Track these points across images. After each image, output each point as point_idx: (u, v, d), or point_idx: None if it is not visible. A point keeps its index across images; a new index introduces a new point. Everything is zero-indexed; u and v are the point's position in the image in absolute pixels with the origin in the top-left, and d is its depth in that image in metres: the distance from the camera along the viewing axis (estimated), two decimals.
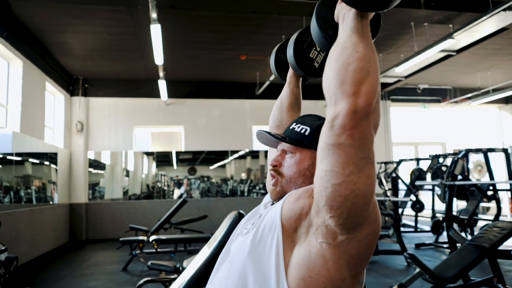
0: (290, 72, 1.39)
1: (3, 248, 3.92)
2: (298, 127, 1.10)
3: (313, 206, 0.85)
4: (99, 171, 11.51)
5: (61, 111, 8.30)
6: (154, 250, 5.64)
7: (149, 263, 3.65)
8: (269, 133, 1.10)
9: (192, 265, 1.38)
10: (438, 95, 10.40)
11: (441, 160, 7.35)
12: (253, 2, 5.33)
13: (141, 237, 5.62)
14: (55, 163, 7.85)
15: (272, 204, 1.10)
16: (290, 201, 0.94)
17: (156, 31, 5.15)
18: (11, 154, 6.53)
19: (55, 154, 7.81)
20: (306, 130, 1.08)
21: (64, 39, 6.71)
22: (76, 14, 5.76)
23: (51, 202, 7.69)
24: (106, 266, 5.79)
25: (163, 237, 5.59)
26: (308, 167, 1.05)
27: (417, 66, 7.77)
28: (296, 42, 1.28)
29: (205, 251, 1.39)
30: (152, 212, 8.77)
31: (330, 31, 0.94)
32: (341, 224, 0.78)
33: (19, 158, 7.48)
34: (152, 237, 5.52)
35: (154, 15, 4.83)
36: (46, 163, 7.93)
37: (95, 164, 9.93)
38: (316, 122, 1.09)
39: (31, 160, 7.63)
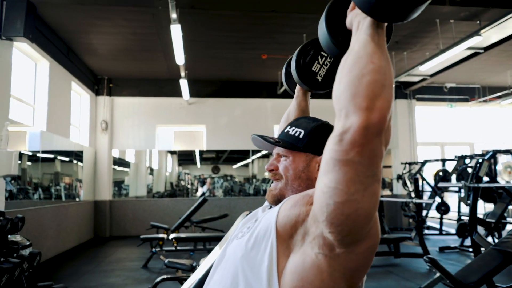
0: (297, 86, 1.38)
1: (27, 243, 4.04)
2: (293, 130, 1.08)
3: (311, 215, 0.83)
4: (124, 169, 11.75)
5: (87, 110, 8.51)
6: (173, 248, 5.69)
7: (166, 261, 3.69)
8: (262, 137, 1.09)
9: (203, 265, 1.38)
10: (466, 94, 10.08)
11: (467, 161, 7.11)
12: (273, 1, 5.31)
13: (161, 235, 5.69)
14: (81, 161, 8.05)
15: (270, 208, 1.08)
16: (287, 208, 0.91)
17: (176, 31, 5.20)
18: (39, 152, 6.74)
19: (81, 152, 8.02)
20: (300, 133, 1.06)
21: (89, 39, 6.86)
22: (99, 15, 5.88)
23: (77, 199, 7.91)
24: (127, 263, 5.90)
25: (183, 235, 5.64)
26: (303, 169, 1.04)
27: (443, 64, 7.56)
28: (299, 56, 1.26)
29: (216, 251, 1.39)
30: (174, 210, 8.87)
31: (340, 36, 0.89)
32: (340, 239, 0.76)
33: (50, 156, 7.72)
34: (172, 235, 5.58)
35: (174, 15, 4.87)
36: (73, 161, 8.16)
37: (120, 162, 10.15)
38: (311, 124, 1.08)
39: (58, 158, 7.86)
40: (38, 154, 7.63)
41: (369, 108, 0.68)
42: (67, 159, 8.25)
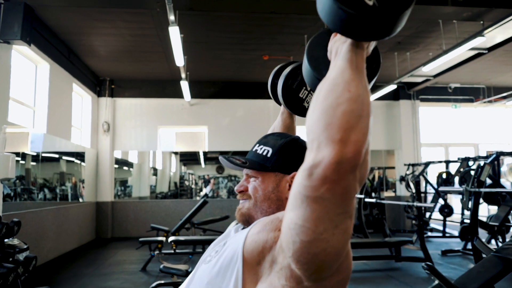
0: None
1: (24, 247, 4.03)
2: (261, 148, 1.03)
3: (278, 244, 0.80)
4: (127, 170, 11.77)
5: (88, 111, 8.51)
6: (172, 251, 5.67)
7: (161, 266, 3.66)
8: (228, 159, 1.05)
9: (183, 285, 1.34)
10: (470, 94, 9.95)
11: (471, 163, 7.02)
12: (272, 2, 5.26)
13: (160, 238, 5.67)
14: (83, 163, 8.06)
15: (242, 229, 1.03)
16: (254, 232, 0.87)
17: (174, 33, 5.16)
18: (40, 154, 6.75)
19: (83, 153, 8.03)
20: (268, 151, 1.01)
21: (90, 41, 6.85)
22: (99, 17, 5.87)
23: (81, 200, 7.92)
24: (126, 266, 5.88)
25: (182, 238, 5.61)
26: (273, 190, 0.99)
27: (446, 65, 7.46)
28: (287, 78, 1.21)
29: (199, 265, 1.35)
30: (176, 211, 8.86)
31: (324, 71, 0.84)
32: (308, 276, 0.73)
33: (52, 157, 7.73)
34: (171, 238, 5.55)
35: (171, 17, 4.83)
36: (75, 162, 8.16)
37: (123, 162, 10.15)
38: (279, 142, 1.03)
39: (60, 159, 7.87)
40: (40, 156, 7.65)
41: (343, 140, 0.63)
42: (69, 160, 8.26)
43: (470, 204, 4.54)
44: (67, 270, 5.64)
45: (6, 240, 3.87)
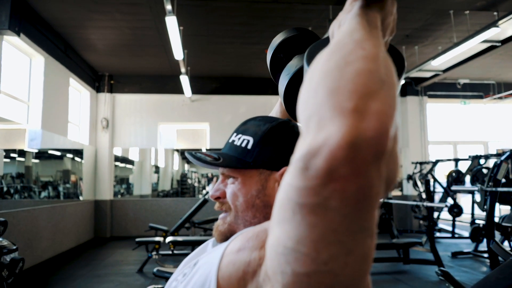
0: None
1: (13, 248, 3.82)
2: (239, 138, 0.79)
3: (264, 268, 0.57)
4: (128, 168, 11.57)
5: (87, 107, 8.30)
6: (170, 252, 5.45)
7: (155, 269, 3.44)
8: (195, 155, 0.79)
9: None
10: (480, 90, 9.66)
11: (482, 161, 6.74)
12: None
13: (157, 238, 5.45)
14: (81, 160, 7.86)
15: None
16: (233, 250, 0.64)
17: (172, 23, 4.92)
18: (37, 151, 6.55)
19: (81, 150, 7.83)
20: (248, 142, 0.77)
21: (87, 34, 6.63)
22: (95, 8, 5.64)
23: (81, 198, 7.72)
24: (122, 267, 5.67)
25: (180, 238, 5.39)
26: (258, 193, 0.75)
27: (456, 59, 7.18)
28: (297, 74, 0.95)
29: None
30: (177, 210, 8.65)
31: None
32: None
33: (50, 154, 7.54)
34: (169, 239, 5.33)
35: (169, 6, 4.60)
36: (74, 159, 7.97)
37: (123, 160, 9.94)
38: (262, 128, 0.78)
39: (57, 156, 7.67)
40: (37, 153, 7.45)
41: (359, 110, 0.39)
42: (67, 157, 8.07)
43: (486, 205, 4.27)
44: (61, 271, 5.44)
45: None
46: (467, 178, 7.02)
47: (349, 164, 0.38)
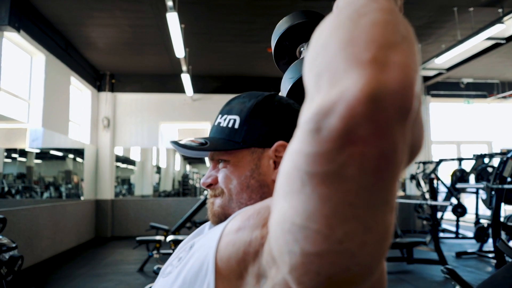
0: None
1: (12, 245, 3.77)
2: (225, 119, 0.74)
3: (267, 249, 0.51)
4: (129, 168, 11.53)
5: (88, 106, 8.27)
6: (171, 251, 5.39)
7: (155, 267, 3.39)
8: (179, 143, 0.74)
9: None
10: (483, 89, 9.58)
11: (486, 160, 6.66)
12: None
13: (158, 237, 5.40)
14: (82, 159, 7.82)
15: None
16: (232, 229, 0.59)
17: (173, 20, 4.87)
18: (39, 150, 6.52)
19: (82, 150, 7.79)
20: (235, 121, 0.72)
21: (88, 32, 6.60)
22: (96, 6, 5.60)
23: (82, 198, 7.68)
24: (123, 266, 5.62)
25: (180, 237, 5.33)
26: (252, 174, 0.70)
27: (460, 57, 7.12)
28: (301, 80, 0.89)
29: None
30: (178, 210, 8.60)
31: None
32: None
33: (51, 154, 7.51)
34: (169, 238, 5.27)
35: (170, 2, 4.55)
36: (75, 158, 7.93)
37: (125, 160, 9.90)
38: (247, 105, 0.72)
39: (59, 156, 7.64)
40: (38, 153, 7.42)
41: (379, 60, 0.33)
42: (68, 157, 8.03)
43: (492, 203, 4.20)
44: (61, 270, 5.39)
45: None
46: (471, 178, 6.94)
47: (369, 122, 0.32)
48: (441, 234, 7.86)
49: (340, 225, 0.34)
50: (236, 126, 0.71)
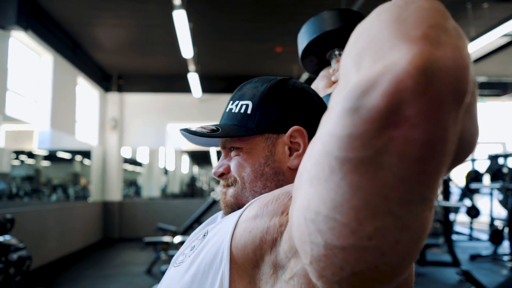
0: None
1: (21, 246, 3.74)
2: (236, 105, 0.70)
3: (286, 237, 0.48)
4: (137, 171, 11.54)
5: (96, 107, 8.26)
6: None
7: (162, 267, 3.32)
8: (188, 130, 0.70)
9: None
10: (497, 88, 9.39)
11: (501, 160, 6.51)
12: None
13: (165, 238, 5.34)
14: (90, 161, 7.81)
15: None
16: (249, 217, 0.55)
17: (180, 18, 4.81)
18: (47, 152, 6.51)
19: (90, 151, 7.79)
20: (247, 106, 0.69)
21: (95, 33, 6.58)
22: (102, 5, 5.57)
23: (89, 199, 7.67)
24: (130, 267, 5.57)
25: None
26: (267, 161, 0.67)
27: (474, 55, 6.96)
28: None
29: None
30: (186, 211, 8.53)
31: None
32: None
33: (62, 154, 7.52)
34: (177, 239, 5.21)
35: (177, 1, 4.50)
36: (82, 160, 7.93)
37: (132, 162, 9.90)
38: (260, 89, 0.69)
39: (67, 157, 7.65)
40: (46, 155, 7.44)
41: (431, 37, 0.30)
42: (75, 158, 8.04)
43: (508, 203, 4.06)
44: (69, 272, 5.35)
45: (1, 239, 3.61)
46: (486, 179, 6.79)
47: (419, 99, 0.28)
48: (454, 237, 7.71)
49: (370, 220, 0.31)
50: (249, 111, 0.68)
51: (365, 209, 0.30)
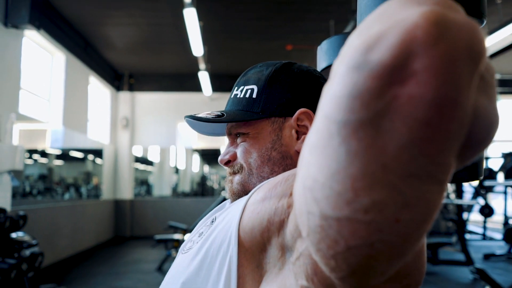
0: None
1: (33, 243, 3.79)
2: (241, 90, 0.69)
3: (292, 217, 0.46)
4: (148, 170, 11.60)
5: (107, 106, 8.33)
6: None
7: None
8: (193, 116, 0.69)
9: None
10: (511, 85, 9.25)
11: None
12: None
13: (176, 236, 5.36)
14: (101, 160, 7.88)
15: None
16: (257, 199, 0.53)
17: (190, 16, 4.83)
18: (60, 150, 6.58)
19: (101, 150, 7.86)
20: (252, 91, 0.67)
21: (106, 32, 6.63)
22: (113, 5, 5.62)
23: (101, 198, 7.74)
24: (141, 265, 5.60)
25: None
26: (273, 145, 0.65)
27: (487, 52, 6.86)
28: None
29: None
30: (196, 209, 8.56)
31: None
32: (340, 278, 0.34)
33: (79, 155, 7.60)
34: (188, 236, 5.23)
35: None
36: (94, 158, 8.01)
37: (143, 161, 9.96)
38: (265, 73, 0.67)
39: (79, 156, 7.73)
40: (59, 154, 7.52)
41: (442, 3, 0.28)
42: (88, 156, 8.12)
43: None
44: (81, 268, 5.41)
45: (14, 235, 3.65)
46: (500, 176, 6.69)
47: (429, 51, 0.25)
48: (468, 236, 7.61)
49: (367, 191, 0.28)
50: (254, 95, 0.66)
51: (362, 178, 0.28)
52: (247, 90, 0.67)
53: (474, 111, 0.28)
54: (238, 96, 0.68)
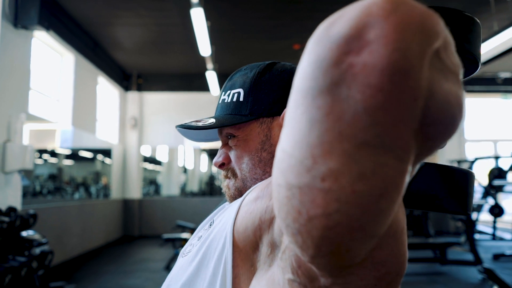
0: None
1: (43, 241, 3.84)
2: (228, 95, 0.70)
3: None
4: (156, 170, 11.67)
5: (116, 106, 8.39)
6: None
7: None
8: (184, 125, 0.70)
9: None
10: None
11: None
12: None
13: (185, 235, 5.39)
14: (110, 160, 7.95)
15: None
16: (250, 199, 0.56)
17: (198, 16, 4.84)
18: (69, 150, 6.65)
19: (110, 150, 7.92)
20: (239, 94, 0.68)
21: (114, 32, 6.69)
22: (121, 5, 5.66)
23: (110, 197, 7.81)
24: (150, 264, 5.64)
25: None
26: (263, 146, 0.66)
27: (497, 50, 6.77)
28: None
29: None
30: (204, 209, 8.59)
31: None
32: (313, 262, 0.35)
33: (88, 155, 7.67)
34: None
35: None
36: (103, 158, 8.08)
37: (151, 161, 10.02)
38: (249, 75, 0.69)
39: (88, 156, 7.80)
40: (68, 154, 7.60)
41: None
42: (97, 156, 8.19)
43: None
44: (90, 267, 5.46)
45: (25, 234, 3.70)
46: (510, 176, 6.60)
47: (382, 22, 0.28)
48: (477, 236, 7.53)
49: (324, 158, 0.29)
50: (241, 99, 0.67)
51: (320, 145, 0.29)
52: (234, 94, 0.68)
53: (429, 88, 0.29)
54: (226, 101, 0.69)
